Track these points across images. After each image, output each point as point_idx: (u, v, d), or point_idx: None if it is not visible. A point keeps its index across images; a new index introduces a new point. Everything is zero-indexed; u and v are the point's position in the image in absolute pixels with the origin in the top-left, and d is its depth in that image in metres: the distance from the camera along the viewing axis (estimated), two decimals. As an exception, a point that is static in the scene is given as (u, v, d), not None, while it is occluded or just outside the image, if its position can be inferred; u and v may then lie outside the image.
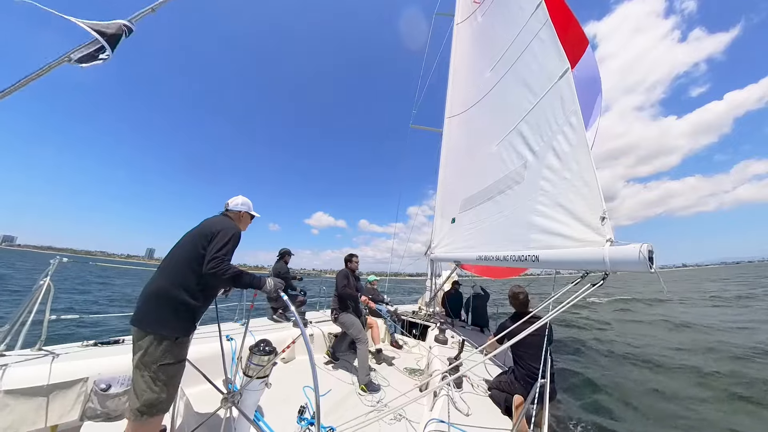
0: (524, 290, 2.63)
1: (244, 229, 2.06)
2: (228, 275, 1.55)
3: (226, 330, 2.71)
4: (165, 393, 1.47)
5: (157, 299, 1.53)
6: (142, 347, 1.46)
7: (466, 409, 2.08)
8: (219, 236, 1.65)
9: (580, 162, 2.32)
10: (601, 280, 1.76)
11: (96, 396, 2.05)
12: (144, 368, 1.45)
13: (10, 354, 2.07)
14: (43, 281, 2.17)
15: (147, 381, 1.45)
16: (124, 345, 2.66)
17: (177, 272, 1.59)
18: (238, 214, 2.00)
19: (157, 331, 1.48)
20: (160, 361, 1.46)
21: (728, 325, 9.46)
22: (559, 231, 2.32)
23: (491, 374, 2.79)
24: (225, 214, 1.98)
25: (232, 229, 1.73)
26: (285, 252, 4.74)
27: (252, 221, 2.15)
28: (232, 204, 2.02)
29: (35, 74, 1.11)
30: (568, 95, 2.64)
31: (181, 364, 1.58)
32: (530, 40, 3.52)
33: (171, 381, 1.51)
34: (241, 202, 2.03)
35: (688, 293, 22.16)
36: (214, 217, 1.92)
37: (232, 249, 1.68)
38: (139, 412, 1.43)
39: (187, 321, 1.58)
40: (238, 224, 1.96)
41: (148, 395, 1.43)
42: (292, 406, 2.38)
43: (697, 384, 5.02)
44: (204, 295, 1.65)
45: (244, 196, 2.06)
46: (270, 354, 1.62)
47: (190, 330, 1.62)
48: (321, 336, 4.04)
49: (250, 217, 2.10)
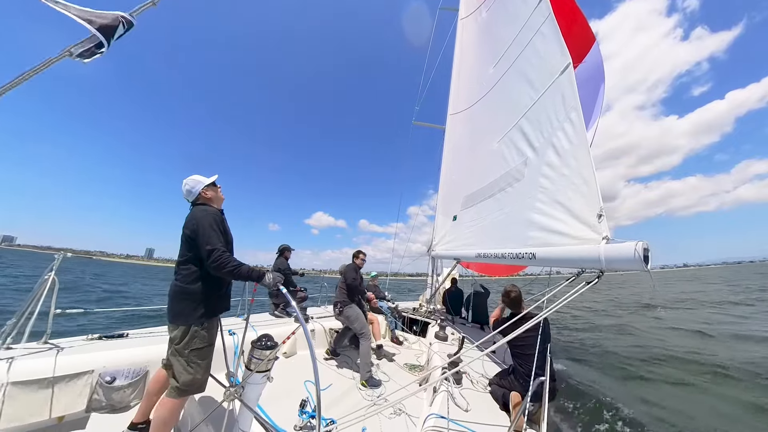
0: (517, 288, 2.62)
1: (221, 201, 1.99)
2: (227, 269, 1.63)
3: (227, 325, 2.74)
4: (199, 374, 1.68)
5: (172, 296, 1.73)
6: (174, 337, 1.68)
7: (465, 405, 2.09)
8: (200, 231, 1.68)
9: (579, 159, 2.31)
10: (596, 279, 1.75)
11: (101, 388, 2.10)
12: (178, 354, 1.66)
13: (16, 347, 2.11)
14: (47, 276, 2.20)
15: (182, 364, 1.65)
16: (128, 339, 2.70)
17: (178, 269, 1.76)
18: (204, 196, 1.91)
19: (179, 322, 1.68)
20: (190, 347, 1.65)
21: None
22: (556, 228, 2.32)
23: (491, 371, 2.81)
24: (195, 204, 1.90)
25: (206, 216, 1.74)
26: (285, 248, 4.75)
27: (219, 187, 2.01)
28: (192, 191, 1.88)
29: (35, 69, 1.10)
30: (569, 91, 2.62)
31: (210, 348, 1.75)
32: (532, 35, 3.48)
33: (203, 363, 1.70)
34: (192, 185, 1.89)
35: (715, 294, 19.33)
36: (190, 212, 1.86)
37: (219, 233, 1.71)
38: (181, 390, 1.64)
39: (200, 309, 1.69)
40: (212, 203, 1.92)
41: (185, 377, 1.64)
42: (293, 399, 2.41)
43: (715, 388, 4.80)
44: (207, 284, 1.73)
45: (187, 178, 1.92)
46: (272, 348, 1.64)
47: (209, 316, 1.73)
48: (322, 331, 4.07)
49: (214, 187, 1.97)
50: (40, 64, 1.13)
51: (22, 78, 1.09)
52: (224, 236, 1.78)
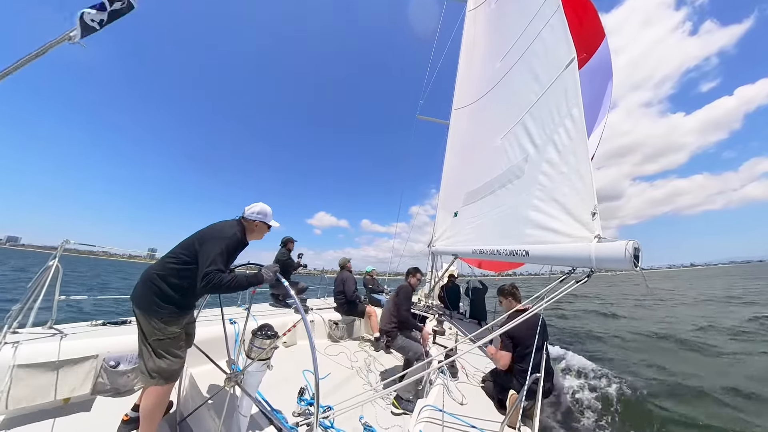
0: (511, 285, 2.61)
1: (260, 237, 1.99)
2: (224, 286, 1.55)
3: (228, 314, 2.79)
4: (165, 363, 1.63)
5: (144, 280, 1.66)
6: (139, 322, 1.66)
7: (461, 398, 2.13)
8: (207, 247, 1.62)
9: (577, 154, 2.29)
10: (586, 277, 1.74)
11: (106, 372, 2.16)
12: (143, 341, 1.65)
13: (22, 332, 2.17)
14: (51, 262, 2.23)
15: (147, 351, 1.63)
16: (131, 325, 2.76)
17: (164, 263, 1.68)
18: (253, 224, 1.90)
19: (141, 309, 1.63)
20: (152, 337, 1.62)
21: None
22: (551, 226, 2.32)
23: (487, 366, 2.85)
24: (240, 220, 1.90)
25: (226, 238, 1.68)
26: (287, 240, 4.79)
27: (269, 230, 2.03)
28: (248, 212, 1.90)
29: (34, 54, 1.09)
30: (571, 86, 2.58)
31: (175, 339, 1.68)
32: (541, 28, 3.41)
33: (167, 353, 1.65)
34: (258, 210, 1.90)
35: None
36: (222, 221, 1.87)
37: (227, 257, 1.65)
38: (149, 375, 1.62)
39: (166, 305, 1.63)
40: (251, 234, 1.91)
41: (151, 363, 1.62)
42: (292, 387, 2.47)
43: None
44: (185, 286, 1.65)
45: (262, 203, 1.94)
46: (272, 338, 1.67)
47: (173, 314, 1.66)
48: (321, 322, 4.14)
49: (266, 227, 1.98)
50: (39, 49, 1.11)
51: (23, 62, 1.08)
52: (228, 261, 1.72)
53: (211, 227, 1.80)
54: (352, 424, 2.10)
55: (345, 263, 4.80)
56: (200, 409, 1.86)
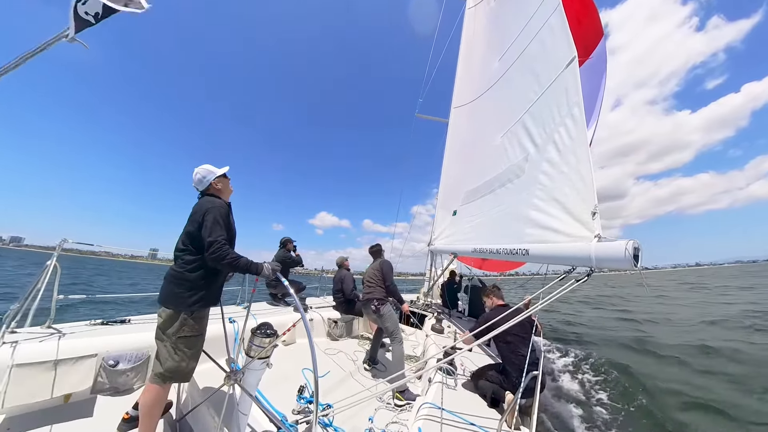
0: (493, 285, 2.66)
1: (230, 193, 2.00)
2: (227, 261, 1.63)
3: (228, 313, 2.79)
4: (185, 362, 1.64)
5: (169, 279, 1.71)
6: (163, 321, 1.65)
7: (459, 395, 2.14)
8: (206, 221, 1.67)
9: (578, 155, 2.29)
10: (586, 276, 1.75)
11: (105, 371, 2.16)
12: (166, 339, 1.63)
13: (20, 331, 2.16)
14: (50, 262, 2.22)
15: (168, 350, 1.62)
16: (130, 324, 2.75)
17: (178, 256, 1.75)
18: (215, 187, 1.90)
19: (169, 305, 1.65)
20: (178, 333, 1.63)
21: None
22: (551, 225, 2.32)
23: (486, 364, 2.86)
24: (206, 193, 1.89)
25: (213, 208, 1.72)
26: (286, 240, 4.80)
27: (229, 179, 2.00)
28: (203, 183, 1.87)
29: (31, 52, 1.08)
30: (572, 85, 2.58)
31: (198, 338, 1.73)
32: (540, 27, 3.40)
33: (189, 351, 1.67)
34: (204, 175, 1.87)
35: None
36: (198, 202, 1.86)
37: (223, 225, 1.71)
38: (162, 377, 1.61)
39: (193, 297, 1.67)
40: (222, 194, 1.93)
41: (170, 363, 1.61)
42: (292, 386, 2.47)
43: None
44: (205, 274, 1.71)
45: (199, 167, 1.89)
46: (271, 336, 1.67)
47: (201, 306, 1.71)
48: (320, 321, 4.15)
49: (224, 178, 1.96)
50: (37, 48, 1.10)
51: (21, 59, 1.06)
52: (228, 230, 1.77)
53: (195, 208, 1.80)
54: (351, 422, 2.12)
55: (342, 262, 4.81)
56: (200, 407, 1.86)
